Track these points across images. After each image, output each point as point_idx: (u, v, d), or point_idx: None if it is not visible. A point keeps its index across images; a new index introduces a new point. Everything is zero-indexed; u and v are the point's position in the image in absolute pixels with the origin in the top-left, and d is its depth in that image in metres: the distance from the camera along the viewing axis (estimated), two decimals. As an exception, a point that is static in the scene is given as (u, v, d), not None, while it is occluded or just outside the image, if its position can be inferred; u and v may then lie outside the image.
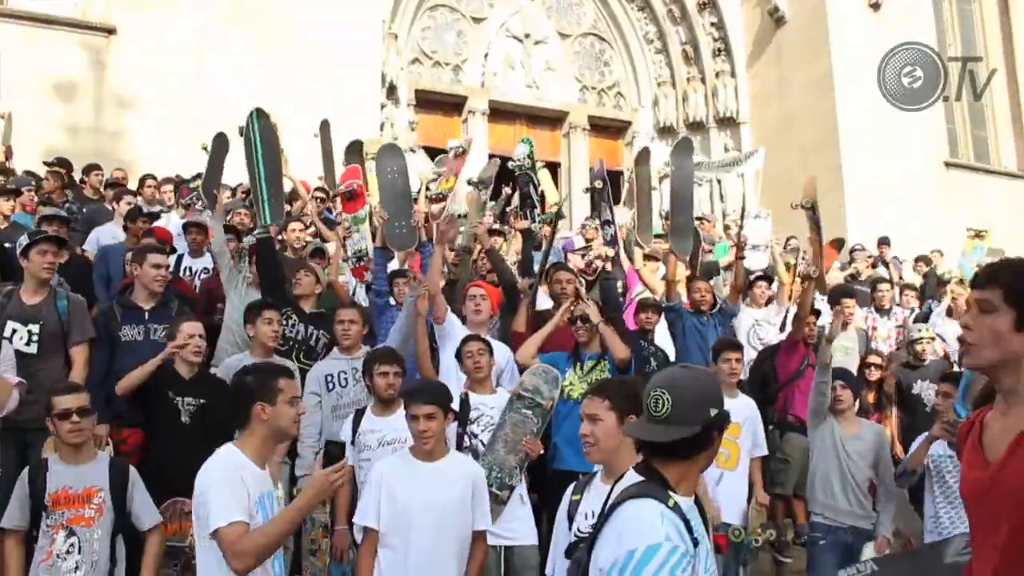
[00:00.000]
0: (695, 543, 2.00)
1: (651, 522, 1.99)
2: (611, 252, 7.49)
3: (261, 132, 6.27)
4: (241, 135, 6.65)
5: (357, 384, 4.96)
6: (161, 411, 4.39)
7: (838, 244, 10.47)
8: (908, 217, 14.48)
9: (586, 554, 2.15)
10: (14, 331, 4.61)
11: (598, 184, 8.44)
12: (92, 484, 3.67)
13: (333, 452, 4.70)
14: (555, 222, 7.15)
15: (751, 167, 13.53)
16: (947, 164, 17.07)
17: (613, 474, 3.05)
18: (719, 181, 15.94)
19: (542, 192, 9.00)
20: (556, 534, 3.25)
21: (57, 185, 8.39)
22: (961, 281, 8.37)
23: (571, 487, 3.26)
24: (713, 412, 2.11)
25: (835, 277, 9.68)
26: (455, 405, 4.37)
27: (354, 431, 4.36)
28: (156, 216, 7.58)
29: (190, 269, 6.95)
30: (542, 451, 4.34)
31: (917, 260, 11.38)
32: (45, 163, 9.14)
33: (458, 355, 4.72)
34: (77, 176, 9.32)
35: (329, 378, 5.06)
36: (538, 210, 8.88)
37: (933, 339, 7.04)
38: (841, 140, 15.25)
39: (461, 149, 7.21)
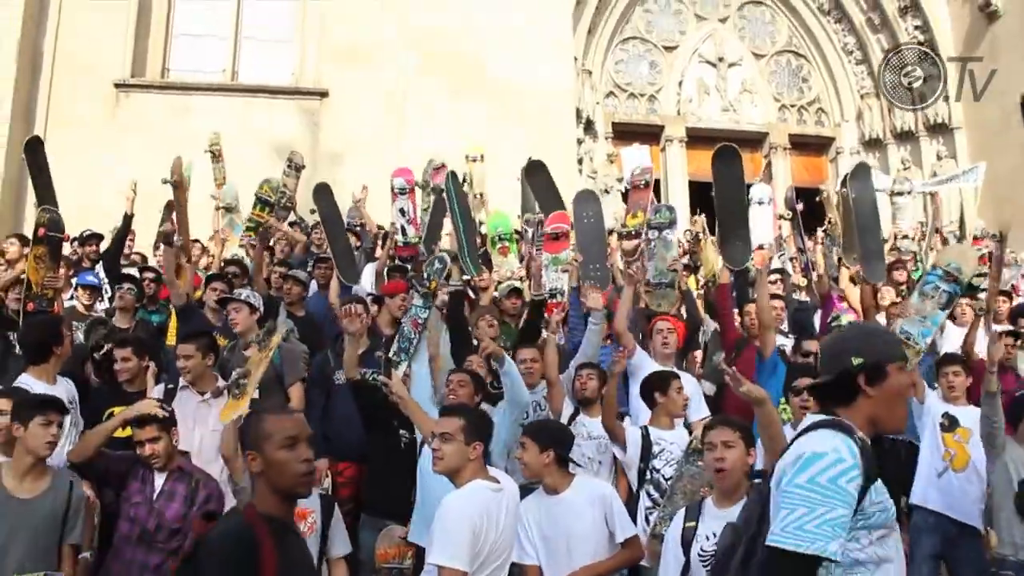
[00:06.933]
0: (868, 478, 2.02)
1: (824, 438, 2.06)
2: (804, 281, 7.53)
3: (455, 192, 6.88)
4: (425, 188, 7.28)
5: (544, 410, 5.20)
6: (386, 440, 4.98)
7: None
8: None
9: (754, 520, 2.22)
10: None
11: (787, 214, 8.48)
12: (306, 506, 3.96)
13: None
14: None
15: (969, 183, 12.87)
16: None
17: (730, 499, 3.40)
18: (931, 194, 15.19)
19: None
20: (666, 559, 3.53)
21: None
22: None
23: (681, 513, 3.59)
24: (855, 361, 2.18)
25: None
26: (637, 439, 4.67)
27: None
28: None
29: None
30: None
31: None
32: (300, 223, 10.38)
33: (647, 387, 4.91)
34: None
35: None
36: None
37: None
38: (1070, 137, 14.11)
39: (644, 182, 7.37)
